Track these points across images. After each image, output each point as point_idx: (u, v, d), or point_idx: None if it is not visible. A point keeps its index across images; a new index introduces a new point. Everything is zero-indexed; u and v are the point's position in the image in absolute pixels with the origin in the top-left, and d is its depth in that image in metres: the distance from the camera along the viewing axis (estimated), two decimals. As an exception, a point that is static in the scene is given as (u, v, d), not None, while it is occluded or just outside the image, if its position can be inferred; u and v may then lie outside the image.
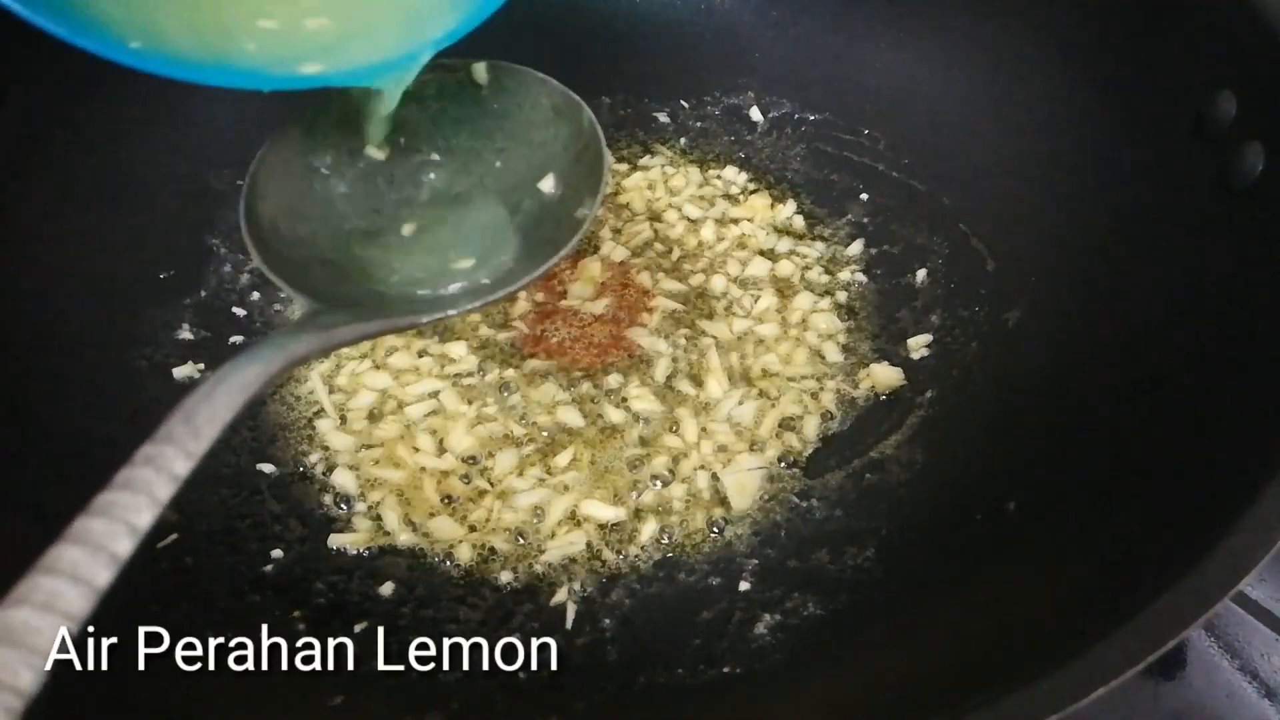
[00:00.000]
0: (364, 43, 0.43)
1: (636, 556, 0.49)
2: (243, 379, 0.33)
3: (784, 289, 0.61)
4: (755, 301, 0.60)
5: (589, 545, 0.49)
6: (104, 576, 0.27)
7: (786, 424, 0.54)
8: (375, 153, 0.48)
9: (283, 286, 0.43)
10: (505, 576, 0.48)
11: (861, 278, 0.62)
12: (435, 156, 0.50)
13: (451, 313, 0.44)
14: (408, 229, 0.48)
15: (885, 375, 0.56)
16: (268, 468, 0.52)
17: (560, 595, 0.47)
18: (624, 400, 0.55)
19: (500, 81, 0.50)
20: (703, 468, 0.52)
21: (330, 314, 0.40)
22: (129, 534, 0.28)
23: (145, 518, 0.28)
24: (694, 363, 0.57)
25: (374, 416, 0.54)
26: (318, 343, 0.38)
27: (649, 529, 0.50)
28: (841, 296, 0.61)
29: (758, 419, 0.54)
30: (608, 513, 0.50)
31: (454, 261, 0.47)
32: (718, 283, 0.61)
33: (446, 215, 0.48)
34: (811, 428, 0.54)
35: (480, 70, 0.49)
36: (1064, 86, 0.57)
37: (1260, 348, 0.41)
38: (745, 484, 0.52)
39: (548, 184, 0.49)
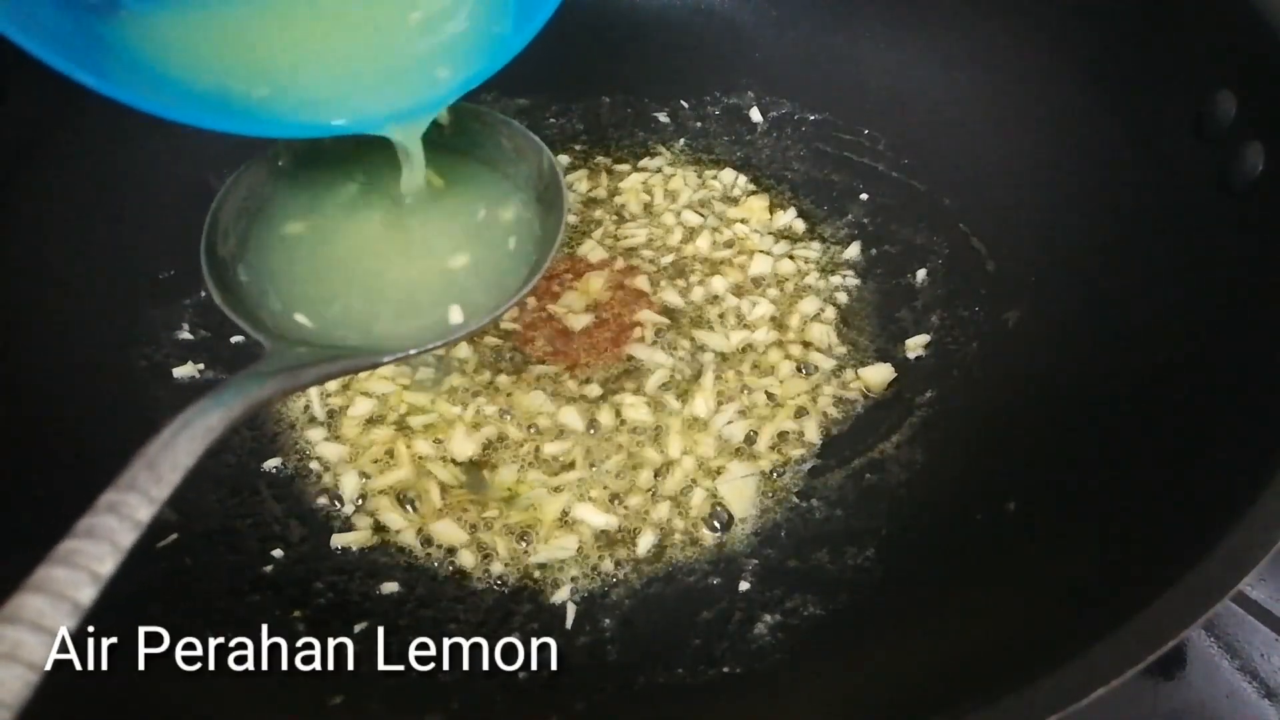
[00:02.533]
0: (380, 93, 0.44)
1: (636, 557, 0.49)
2: (205, 424, 0.33)
3: (783, 292, 0.61)
4: (754, 306, 0.60)
5: (587, 546, 0.49)
6: (66, 625, 0.27)
7: (785, 433, 0.54)
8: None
9: (243, 326, 0.43)
10: (506, 577, 0.48)
11: (861, 279, 0.62)
12: (396, 195, 0.50)
13: (413, 351, 0.44)
14: (369, 267, 0.48)
15: (880, 374, 0.56)
16: (268, 467, 0.52)
17: (560, 595, 0.47)
18: (620, 407, 0.54)
19: (462, 122, 0.51)
20: (695, 481, 0.52)
21: (292, 355, 0.41)
22: (92, 582, 0.28)
23: (108, 565, 0.28)
24: (690, 376, 0.56)
25: (374, 418, 0.54)
26: (281, 385, 0.38)
27: (648, 530, 0.50)
28: (841, 298, 0.61)
29: (756, 427, 0.54)
30: (605, 516, 0.50)
31: (415, 299, 0.47)
32: (716, 287, 0.61)
33: (406, 253, 0.48)
34: (812, 429, 0.54)
35: (442, 111, 0.49)
36: (1064, 86, 0.57)
37: (1260, 348, 0.41)
38: (743, 490, 0.52)
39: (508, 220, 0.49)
